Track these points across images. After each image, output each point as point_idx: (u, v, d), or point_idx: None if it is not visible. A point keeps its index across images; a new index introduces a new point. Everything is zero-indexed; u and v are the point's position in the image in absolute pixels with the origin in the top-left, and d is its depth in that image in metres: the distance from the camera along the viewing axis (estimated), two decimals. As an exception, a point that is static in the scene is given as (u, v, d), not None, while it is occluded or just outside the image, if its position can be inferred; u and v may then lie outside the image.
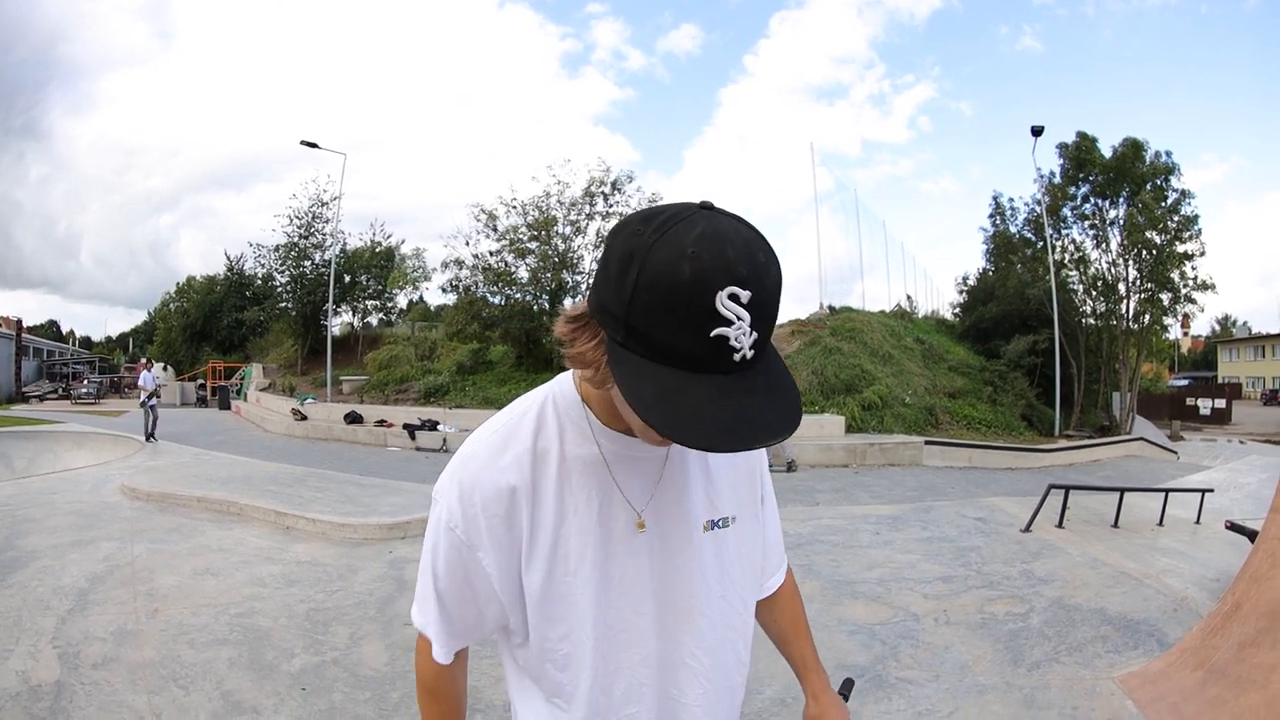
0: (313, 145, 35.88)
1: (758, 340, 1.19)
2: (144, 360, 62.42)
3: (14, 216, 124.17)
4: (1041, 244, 34.35)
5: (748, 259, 1.18)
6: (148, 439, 21.82)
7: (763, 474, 1.89)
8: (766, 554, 1.95)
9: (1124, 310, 34.14)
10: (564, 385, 1.62)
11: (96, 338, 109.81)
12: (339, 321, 46.04)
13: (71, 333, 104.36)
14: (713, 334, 1.15)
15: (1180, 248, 32.44)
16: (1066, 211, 35.27)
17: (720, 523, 1.70)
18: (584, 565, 1.55)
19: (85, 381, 53.74)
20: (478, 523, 1.52)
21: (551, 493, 1.54)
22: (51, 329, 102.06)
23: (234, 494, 12.47)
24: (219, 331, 58.03)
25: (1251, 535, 7.63)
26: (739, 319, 1.15)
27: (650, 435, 1.40)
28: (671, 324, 1.17)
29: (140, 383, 23.82)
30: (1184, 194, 32.82)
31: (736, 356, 1.17)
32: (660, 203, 1.60)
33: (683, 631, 1.65)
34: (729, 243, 1.17)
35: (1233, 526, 8.75)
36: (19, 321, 56.06)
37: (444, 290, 34.21)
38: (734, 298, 1.15)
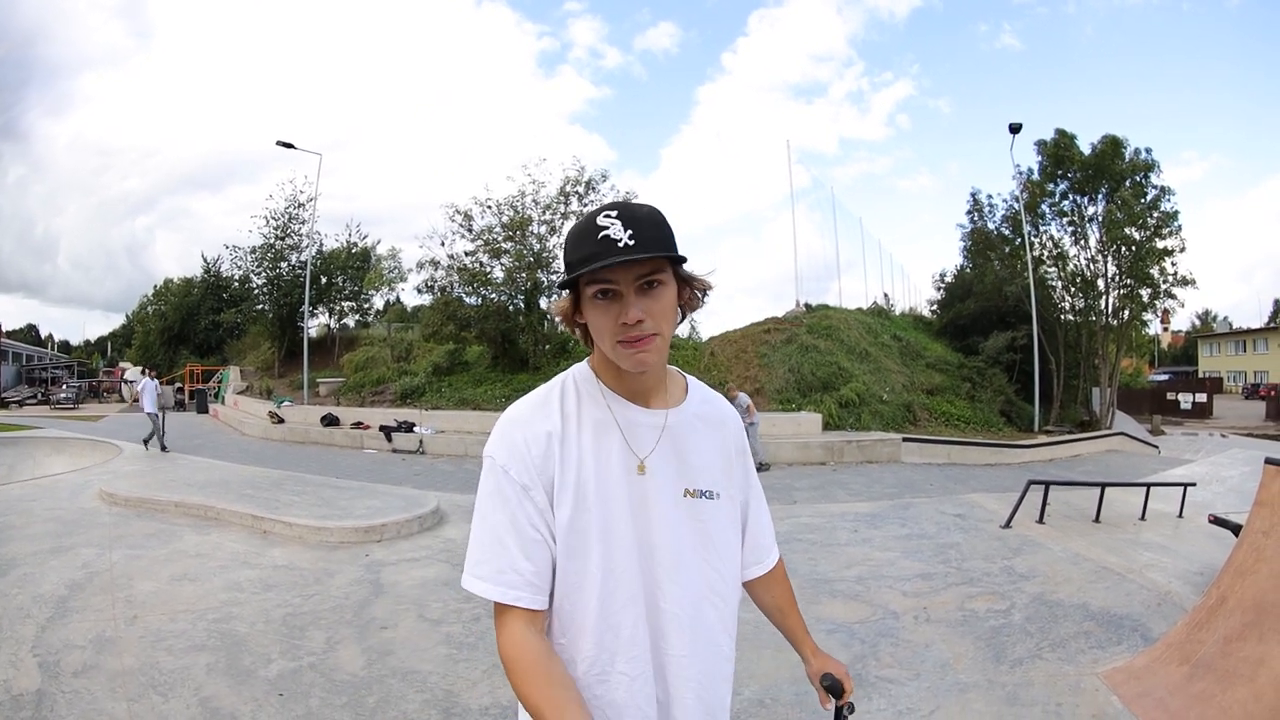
0: (288, 146, 35.63)
1: (635, 236, 1.68)
2: (119, 367, 62.47)
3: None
4: (1020, 241, 34.41)
5: (619, 204, 1.78)
6: (162, 449, 21.04)
7: (747, 467, 2.19)
8: (759, 537, 2.23)
9: (1103, 306, 34.33)
10: (581, 366, 2.00)
11: (75, 341, 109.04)
12: (315, 323, 46.03)
13: (50, 337, 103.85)
14: (599, 236, 1.68)
15: (1160, 244, 32.69)
16: (1045, 208, 35.43)
17: (706, 494, 1.97)
18: (598, 502, 1.82)
19: (64, 386, 53.52)
20: (527, 462, 1.79)
21: (574, 441, 1.85)
22: (30, 333, 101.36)
23: (211, 498, 12.39)
24: (196, 334, 57.61)
25: (1236, 529, 7.62)
26: (612, 223, 1.70)
27: (620, 354, 1.77)
28: (580, 244, 1.72)
29: (140, 391, 22.51)
30: (1164, 190, 33.09)
31: (620, 245, 1.67)
32: (633, 201, 1.99)
33: (665, 580, 1.88)
34: (611, 204, 1.78)
35: (1217, 520, 8.75)
36: (-2, 326, 55.81)
37: (420, 291, 34.12)
38: (607, 215, 1.72)
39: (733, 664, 2.06)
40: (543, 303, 29.67)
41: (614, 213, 1.73)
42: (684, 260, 1.81)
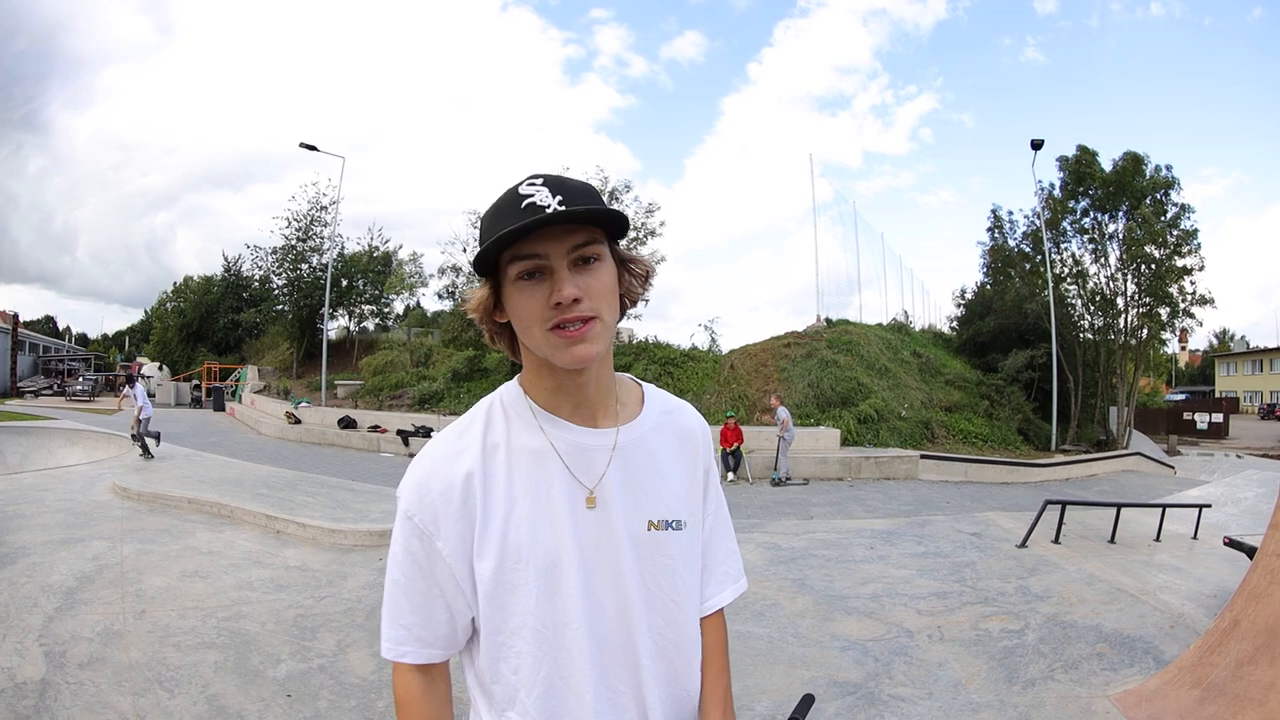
0: (312, 148, 35.82)
1: (565, 201, 1.49)
2: (136, 361, 62.50)
3: (11, 209, 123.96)
4: (1040, 258, 34.30)
5: (544, 173, 1.58)
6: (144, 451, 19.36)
7: (710, 486, 1.91)
8: (717, 569, 1.92)
9: (1122, 325, 34.15)
10: (509, 386, 1.75)
11: (93, 335, 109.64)
12: (335, 325, 46.10)
13: (68, 329, 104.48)
14: (523, 205, 1.49)
15: (1179, 262, 32.49)
16: (1066, 225, 35.28)
17: (672, 524, 1.73)
18: (536, 551, 1.59)
19: (80, 378, 53.60)
20: (435, 511, 1.59)
21: (502, 481, 1.62)
22: (48, 325, 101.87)
23: (225, 496, 12.46)
24: (215, 332, 57.84)
25: (1250, 551, 7.60)
26: (537, 190, 1.51)
27: (554, 344, 1.53)
28: (500, 217, 1.53)
29: (131, 395, 20.42)
30: (1184, 208, 32.91)
31: (548, 210, 1.47)
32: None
33: (631, 633, 1.66)
34: (534, 174, 1.57)
35: (1231, 543, 8.71)
36: (15, 316, 55.98)
37: (440, 296, 34.41)
38: (530, 183, 1.53)
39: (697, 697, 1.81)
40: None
41: (539, 180, 1.54)
42: (624, 230, 1.62)
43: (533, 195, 1.49)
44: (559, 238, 1.49)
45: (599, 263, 1.54)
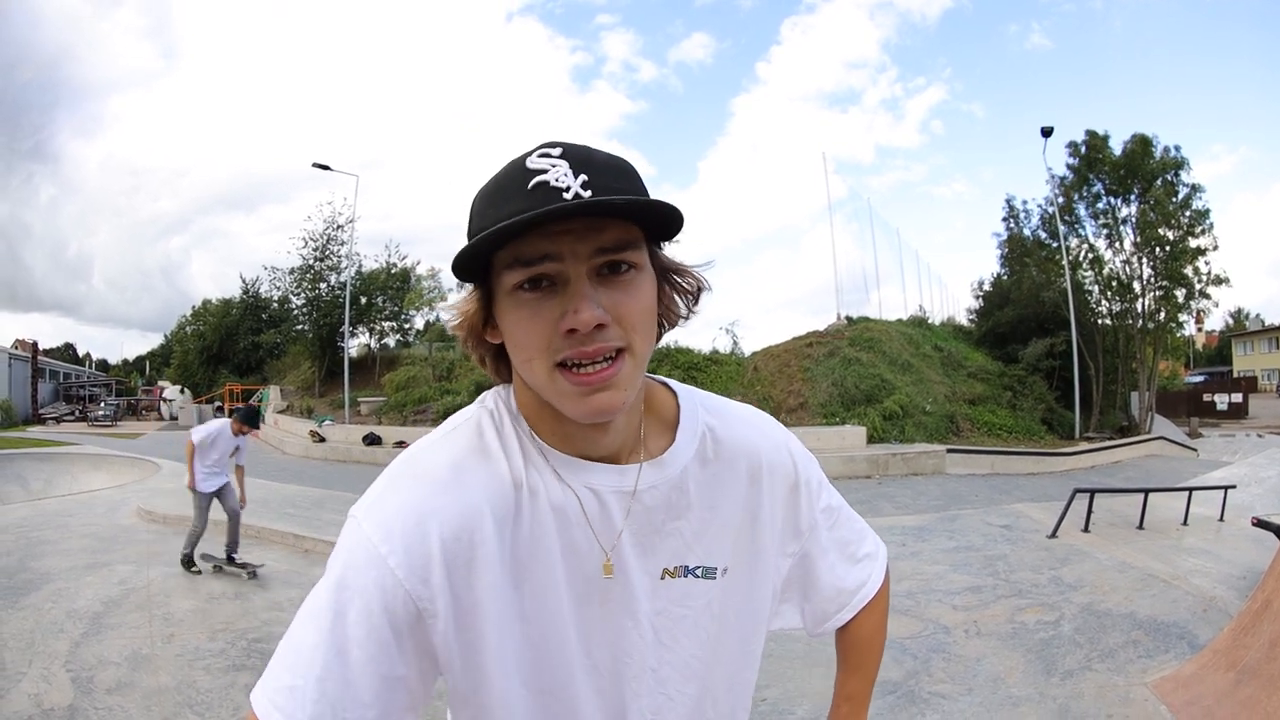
0: (325, 168, 35.92)
1: (592, 184, 1.05)
2: (158, 385, 62.64)
3: (24, 239, 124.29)
4: (1056, 245, 34.19)
5: (562, 142, 1.12)
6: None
7: (801, 505, 1.47)
8: (830, 587, 1.57)
9: (1139, 309, 33.99)
10: (497, 403, 1.30)
11: (113, 360, 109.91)
12: (356, 343, 46.10)
13: (88, 355, 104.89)
14: (530, 185, 1.05)
15: (1193, 243, 32.36)
16: (1080, 210, 35.18)
17: (695, 571, 1.30)
18: (535, 626, 1.19)
19: (102, 404, 53.91)
20: (429, 568, 1.12)
21: (522, 538, 1.18)
22: (68, 352, 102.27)
23: (251, 517, 12.42)
24: (236, 354, 58.12)
25: (1279, 531, 7.55)
26: (553, 166, 1.06)
27: (561, 388, 1.10)
28: (497, 200, 1.09)
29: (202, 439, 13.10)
30: (1194, 188, 32.71)
31: (568, 195, 1.04)
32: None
33: (634, 695, 1.29)
34: (549, 141, 1.13)
35: (1260, 523, 8.66)
36: (35, 344, 56.24)
37: (460, 311, 34.25)
38: (544, 155, 1.08)
39: None
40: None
41: (555, 151, 1.09)
42: (674, 230, 1.18)
43: (546, 173, 1.06)
44: (580, 235, 1.07)
45: (635, 273, 1.11)
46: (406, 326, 48.74)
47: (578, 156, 1.08)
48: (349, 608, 1.10)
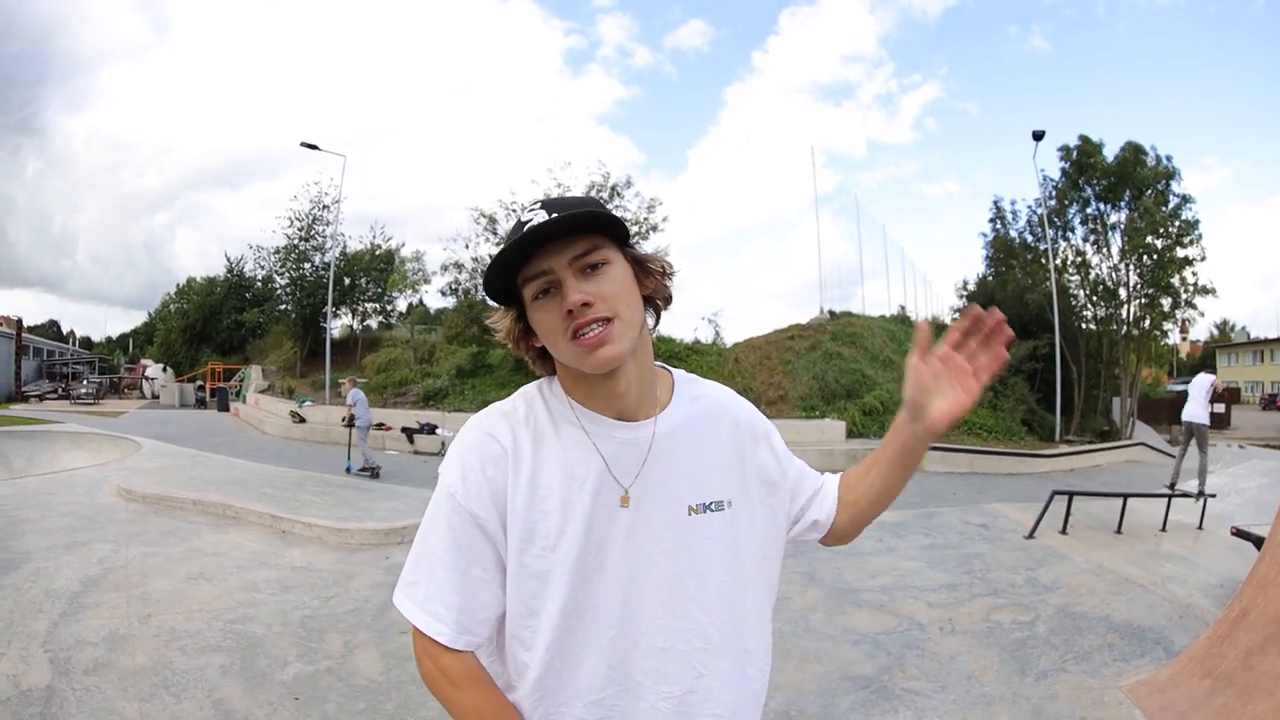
0: (313, 147, 35.86)
1: (560, 219, 1.51)
2: (140, 363, 62.50)
3: (9, 213, 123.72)
4: (1043, 248, 34.35)
5: (544, 197, 1.74)
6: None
7: (771, 448, 1.90)
8: (816, 492, 1.98)
9: (1124, 315, 34.16)
10: (550, 382, 1.76)
11: (96, 338, 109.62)
12: (338, 324, 46.12)
13: (72, 333, 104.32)
14: (522, 230, 1.51)
15: (1181, 252, 32.50)
16: (1069, 215, 35.31)
17: (713, 506, 1.73)
18: (563, 541, 1.60)
19: (85, 382, 53.58)
20: (480, 487, 1.60)
21: (539, 466, 1.63)
22: (52, 329, 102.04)
23: (230, 497, 12.41)
24: (218, 333, 57.62)
25: (1258, 541, 7.60)
26: (534, 214, 1.54)
27: (577, 353, 1.55)
28: (504, 246, 1.54)
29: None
30: (1185, 199, 32.93)
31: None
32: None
33: (668, 614, 1.66)
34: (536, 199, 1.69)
35: (1239, 533, 8.71)
36: (19, 321, 55.88)
37: (443, 293, 34.38)
38: (530, 210, 1.57)
39: (761, 680, 1.83)
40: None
41: (538, 204, 1.58)
42: (622, 231, 1.62)
43: (531, 219, 1.53)
44: (560, 250, 1.54)
45: (607, 266, 1.57)
46: (389, 308, 48.96)
47: (552, 204, 1.56)
48: (445, 537, 1.61)
